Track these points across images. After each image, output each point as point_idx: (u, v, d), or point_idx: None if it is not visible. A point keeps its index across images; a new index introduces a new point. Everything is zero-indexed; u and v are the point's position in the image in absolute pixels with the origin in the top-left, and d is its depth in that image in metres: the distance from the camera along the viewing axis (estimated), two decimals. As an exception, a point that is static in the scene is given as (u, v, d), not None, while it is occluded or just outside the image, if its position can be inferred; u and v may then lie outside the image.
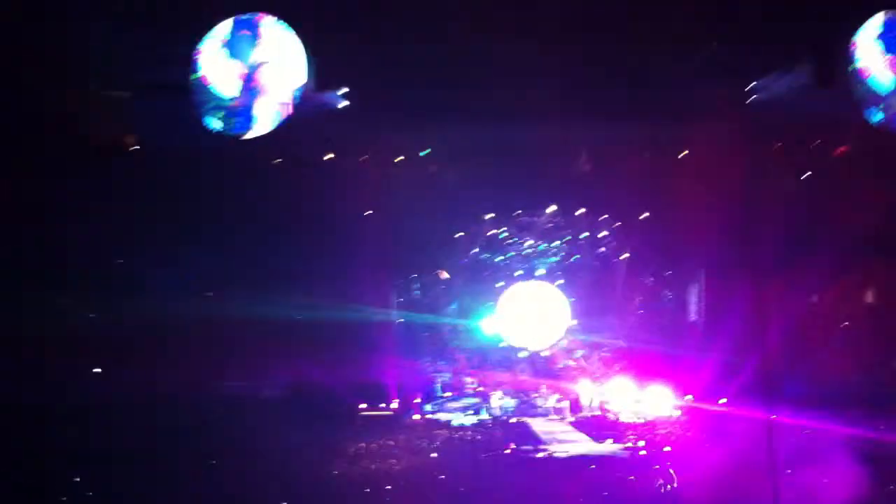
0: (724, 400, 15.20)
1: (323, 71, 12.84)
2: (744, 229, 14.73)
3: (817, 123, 13.28)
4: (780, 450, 11.77)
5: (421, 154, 15.32)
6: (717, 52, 12.63)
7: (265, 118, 12.61)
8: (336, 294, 15.23)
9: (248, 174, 13.87)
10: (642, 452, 14.31)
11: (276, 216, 14.24)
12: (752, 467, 11.81)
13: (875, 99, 12.50)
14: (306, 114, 12.82)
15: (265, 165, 14.02)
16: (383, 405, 16.43)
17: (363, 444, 13.34)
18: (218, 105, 12.40)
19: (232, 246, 14.26)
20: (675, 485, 12.21)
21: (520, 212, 18.58)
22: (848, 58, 12.39)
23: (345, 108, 13.56)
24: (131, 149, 13.61)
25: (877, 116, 12.58)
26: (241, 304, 14.19)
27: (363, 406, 15.62)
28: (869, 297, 14.82)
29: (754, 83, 13.01)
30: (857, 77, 12.35)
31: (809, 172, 14.22)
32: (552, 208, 18.24)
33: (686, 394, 16.87)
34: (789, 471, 11.35)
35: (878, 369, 14.11)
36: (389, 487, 11.47)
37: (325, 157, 14.71)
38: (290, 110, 12.65)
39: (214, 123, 12.48)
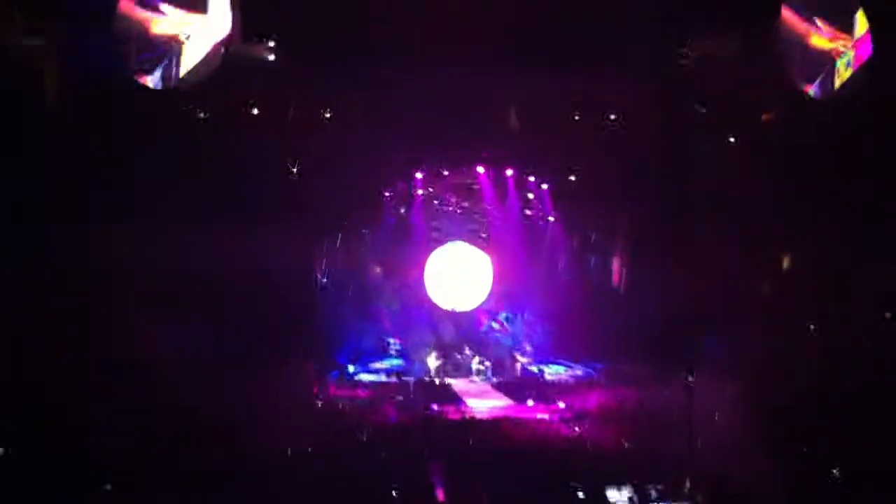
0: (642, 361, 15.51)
1: (250, 23, 12.48)
2: (671, 194, 14.91)
3: (745, 88, 13.44)
4: (696, 408, 12.05)
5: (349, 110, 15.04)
6: (650, 12, 12.63)
7: (190, 68, 12.21)
8: (255, 251, 14.98)
9: (170, 125, 13.45)
10: (564, 412, 14.51)
11: (197, 169, 13.84)
12: (669, 428, 12.07)
13: (802, 66, 12.71)
14: (232, 66, 12.48)
15: (189, 117, 13.64)
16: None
17: (280, 404, 13.18)
18: (143, 53, 11.95)
19: (149, 196, 13.85)
20: (592, 443, 12.41)
21: (447, 172, 18.53)
22: (777, 25, 12.53)
23: (272, 62, 13.23)
24: (53, 87, 13.04)
25: (803, 83, 12.78)
26: (159, 253, 13.85)
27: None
28: (785, 262, 15.19)
29: (685, 46, 13.08)
30: (785, 43, 12.51)
31: (735, 137, 14.42)
32: (480, 169, 18.23)
33: (607, 355, 17.16)
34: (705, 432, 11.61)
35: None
36: (310, 450, 11.38)
37: (251, 112, 14.36)
38: (217, 62, 12.28)
39: (138, 71, 12.02)
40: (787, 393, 11.99)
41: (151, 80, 12.08)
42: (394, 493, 9.84)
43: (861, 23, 13.01)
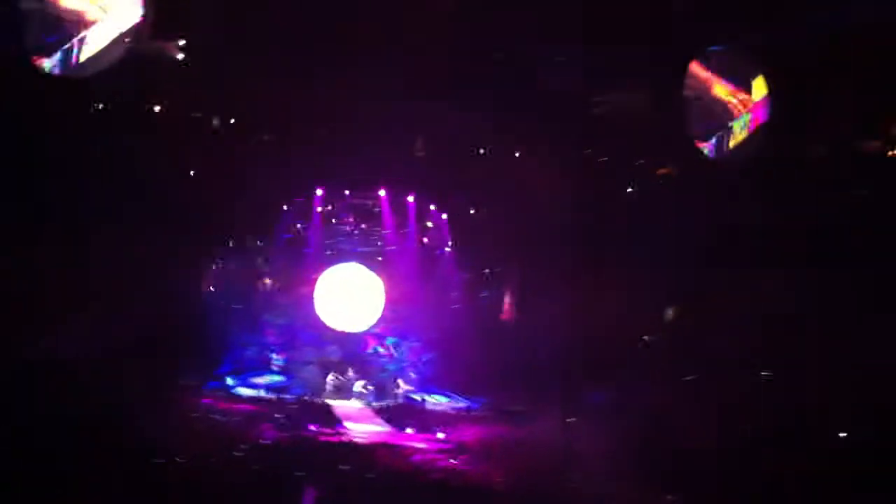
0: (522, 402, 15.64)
1: (160, 18, 12.15)
2: (563, 235, 15.15)
3: (648, 140, 13.82)
4: (574, 449, 12.20)
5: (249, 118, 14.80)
6: (563, 56, 12.88)
7: (92, 54, 11.78)
8: (145, 254, 14.51)
9: (65, 115, 12.93)
10: (442, 443, 14.47)
11: (86, 165, 13.30)
12: (545, 465, 12.17)
13: (706, 126, 13.16)
14: (137, 59, 12.10)
15: (85, 108, 13.15)
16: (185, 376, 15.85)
17: (160, 413, 12.76)
18: (44, 30, 11.47)
19: (38, 192, 13.27)
20: (468, 475, 12.41)
21: (348, 192, 18.41)
22: (683, 83, 12.93)
23: (179, 60, 12.90)
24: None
25: (704, 143, 13.23)
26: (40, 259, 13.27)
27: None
28: (675, 309, 15.60)
29: (594, 93, 13.38)
30: (690, 103, 12.94)
31: (632, 187, 14.81)
32: (381, 192, 18.19)
33: (491, 390, 17.23)
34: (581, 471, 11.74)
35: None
36: (181, 460, 11.01)
37: (151, 108, 13.95)
38: (120, 53, 11.89)
39: (42, 56, 11.51)
40: (670, 440, 12.22)
41: (50, 64, 11.59)
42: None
43: (759, 86, 13.58)
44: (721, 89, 13.36)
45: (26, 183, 12.81)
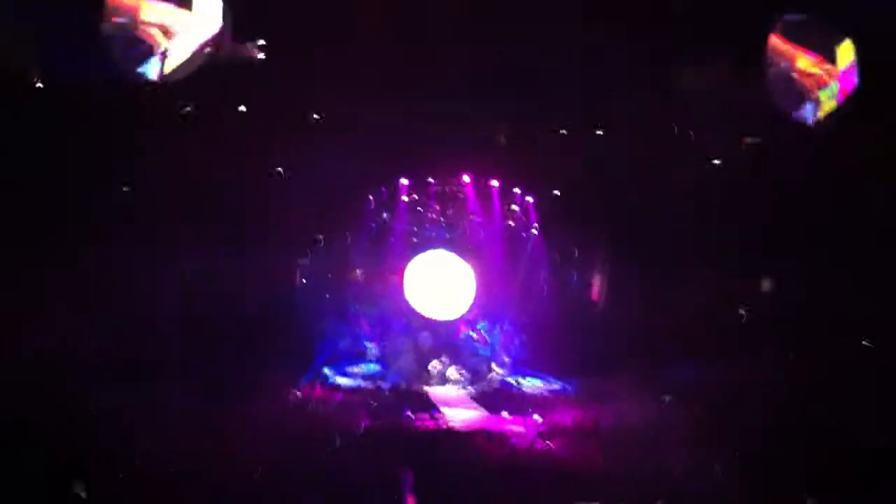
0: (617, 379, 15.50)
1: (239, 20, 12.42)
2: (654, 216, 14.96)
3: (732, 115, 13.53)
4: (670, 430, 12.06)
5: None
6: (640, 35, 12.69)
7: (177, 63, 12.13)
8: (236, 251, 14.91)
9: (156, 120, 13.37)
10: (539, 426, 14.47)
11: (181, 168, 13.75)
12: (644, 444, 12.07)
13: (792, 95, 12.78)
14: (219, 63, 12.40)
15: (173, 113, 13.56)
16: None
17: (260, 407, 13.12)
18: (128, 46, 11.86)
19: (136, 195, 13.76)
20: (565, 458, 12.39)
21: (431, 179, 18.50)
22: (764, 53, 12.59)
23: (260, 60, 13.17)
24: (36, 85, 12.98)
25: (795, 111, 12.86)
26: (143, 257, 13.79)
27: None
28: (766, 286, 15.28)
29: (673, 70, 13.14)
30: (774, 72, 12.58)
31: (720, 161, 14.51)
32: (466, 178, 18.23)
33: (584, 371, 17.13)
34: (679, 447, 11.60)
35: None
36: (282, 450, 11.30)
37: (238, 109, 14.29)
38: (203, 58, 12.20)
39: (124, 65, 11.92)
40: (760, 421, 12.03)
41: (136, 76, 11.99)
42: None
43: (845, 54, 13.10)
44: (805, 60, 12.94)
45: (120, 188, 13.32)
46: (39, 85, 12.98)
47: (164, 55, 11.96)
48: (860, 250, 13.35)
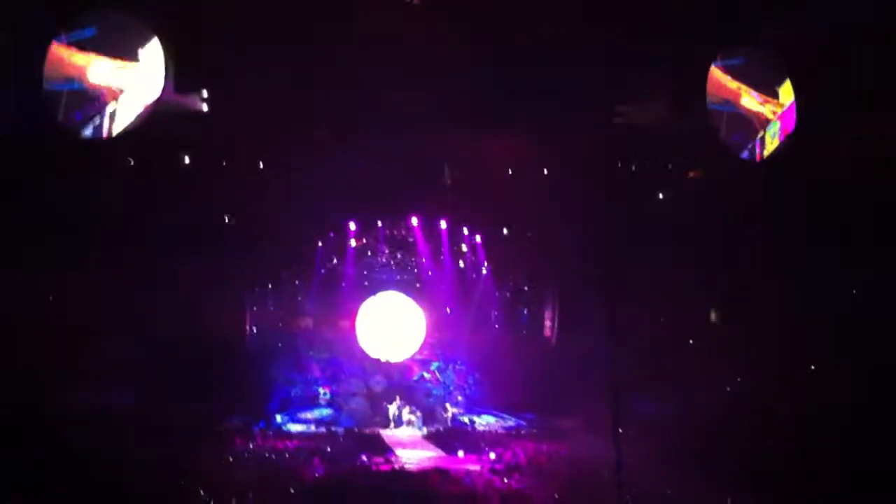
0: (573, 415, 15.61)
1: (182, 73, 12.46)
2: (601, 247, 15.13)
3: (674, 147, 13.82)
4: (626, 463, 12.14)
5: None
6: (584, 72, 12.92)
7: (119, 117, 12.11)
8: (185, 300, 14.80)
9: (99, 173, 13.29)
10: (493, 463, 14.47)
11: (124, 219, 13.65)
12: (599, 480, 12.13)
13: (730, 127, 13.09)
14: (163, 115, 12.41)
15: (117, 165, 13.50)
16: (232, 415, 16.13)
17: (212, 456, 12.97)
18: (72, 100, 11.83)
19: (77, 248, 13.62)
20: (523, 495, 12.40)
21: (380, 223, 18.61)
22: (704, 88, 12.89)
23: (203, 111, 13.18)
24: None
25: (730, 142, 13.15)
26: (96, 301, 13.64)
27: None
28: (716, 315, 15.54)
29: (617, 106, 13.38)
30: (713, 106, 12.87)
31: (664, 193, 14.81)
32: (414, 220, 18.36)
33: (538, 407, 17.25)
34: (635, 484, 11.68)
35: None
36: (235, 500, 11.19)
37: (182, 160, 14.27)
38: (147, 110, 12.20)
39: (67, 120, 11.88)
40: (718, 448, 12.18)
41: (83, 132, 11.96)
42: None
43: (786, 93, 13.47)
44: (749, 99, 13.28)
45: (66, 235, 13.20)
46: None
47: (110, 112, 11.94)
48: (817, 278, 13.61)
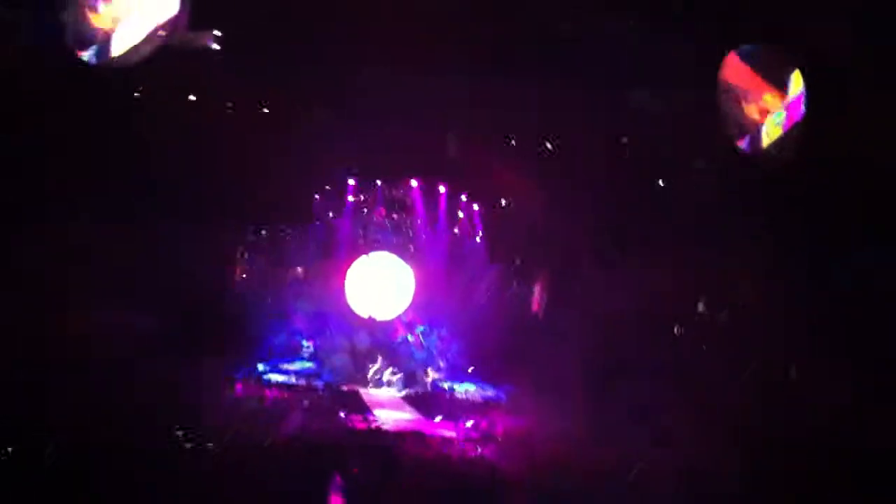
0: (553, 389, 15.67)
1: (197, 8, 12.29)
2: (596, 231, 15.15)
3: (684, 138, 13.77)
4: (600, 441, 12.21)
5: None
6: (597, 55, 12.82)
7: (129, 46, 11.94)
8: (177, 242, 14.71)
9: (106, 104, 13.14)
10: (469, 431, 14.54)
11: (115, 157, 13.49)
12: (575, 458, 12.20)
13: (737, 122, 13.03)
14: (174, 50, 12.25)
15: (125, 98, 13.35)
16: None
17: (186, 402, 12.99)
18: (82, 30, 11.64)
19: (65, 183, 13.47)
20: (497, 463, 12.47)
21: (380, 182, 18.53)
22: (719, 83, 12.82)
23: (213, 51, 13.03)
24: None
25: (742, 140, 13.09)
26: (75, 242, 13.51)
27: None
28: (706, 304, 15.57)
29: (629, 92, 13.32)
30: (724, 102, 12.81)
31: (667, 179, 14.79)
32: (413, 183, 18.29)
33: (519, 380, 17.28)
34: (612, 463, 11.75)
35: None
36: (211, 445, 11.22)
37: (188, 98, 14.13)
38: (158, 44, 12.03)
39: (79, 49, 11.69)
40: (695, 429, 12.21)
41: (87, 56, 11.75)
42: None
43: (796, 83, 13.39)
44: (756, 86, 13.19)
45: (52, 174, 13.04)
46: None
47: (116, 37, 11.75)
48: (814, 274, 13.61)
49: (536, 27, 12.78)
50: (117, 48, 11.78)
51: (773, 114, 13.38)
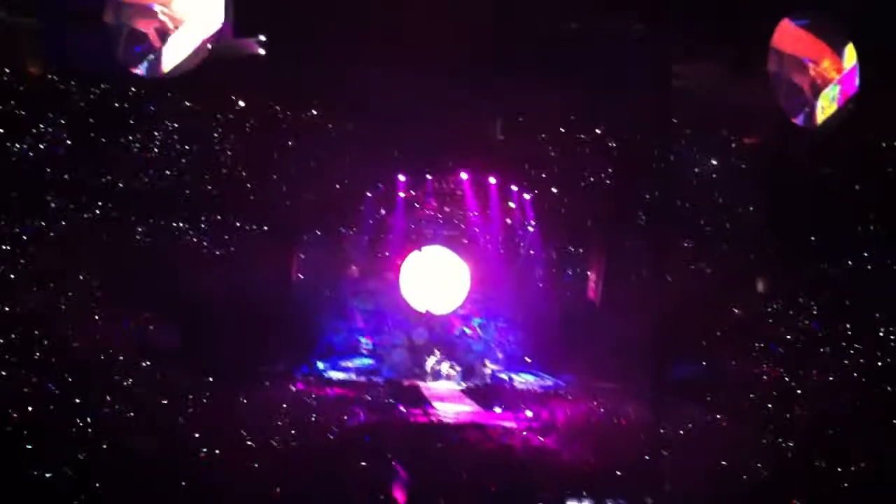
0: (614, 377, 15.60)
1: (241, 16, 12.49)
2: (651, 213, 15.00)
3: (730, 112, 13.59)
4: (662, 427, 12.13)
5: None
6: (639, 33, 12.73)
7: (179, 59, 12.19)
8: (233, 245, 14.96)
9: (155, 115, 13.43)
10: (530, 422, 14.54)
11: (178, 163, 13.78)
12: (636, 443, 12.14)
13: (787, 91, 12.78)
14: (221, 58, 12.48)
15: (175, 108, 13.63)
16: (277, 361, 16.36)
17: (255, 398, 13.22)
18: (132, 41, 11.92)
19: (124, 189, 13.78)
20: (556, 454, 12.45)
21: (429, 176, 18.60)
22: (764, 50, 12.60)
23: (260, 57, 13.23)
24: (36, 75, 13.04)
25: (790, 109, 12.84)
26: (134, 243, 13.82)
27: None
28: (763, 284, 15.36)
29: (672, 68, 13.19)
30: (772, 70, 12.58)
31: (717, 160, 14.61)
32: (463, 175, 18.31)
33: (578, 368, 17.23)
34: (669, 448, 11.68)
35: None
36: (275, 442, 11.41)
37: (238, 105, 14.36)
38: (206, 53, 12.26)
39: (128, 60, 11.97)
40: (758, 418, 12.11)
41: (140, 71, 12.03)
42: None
43: (849, 57, 13.11)
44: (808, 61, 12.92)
45: (112, 180, 13.34)
46: (40, 75, 13.06)
47: (165, 50, 12.01)
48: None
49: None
50: (167, 62, 12.04)
51: (828, 87, 13.13)
